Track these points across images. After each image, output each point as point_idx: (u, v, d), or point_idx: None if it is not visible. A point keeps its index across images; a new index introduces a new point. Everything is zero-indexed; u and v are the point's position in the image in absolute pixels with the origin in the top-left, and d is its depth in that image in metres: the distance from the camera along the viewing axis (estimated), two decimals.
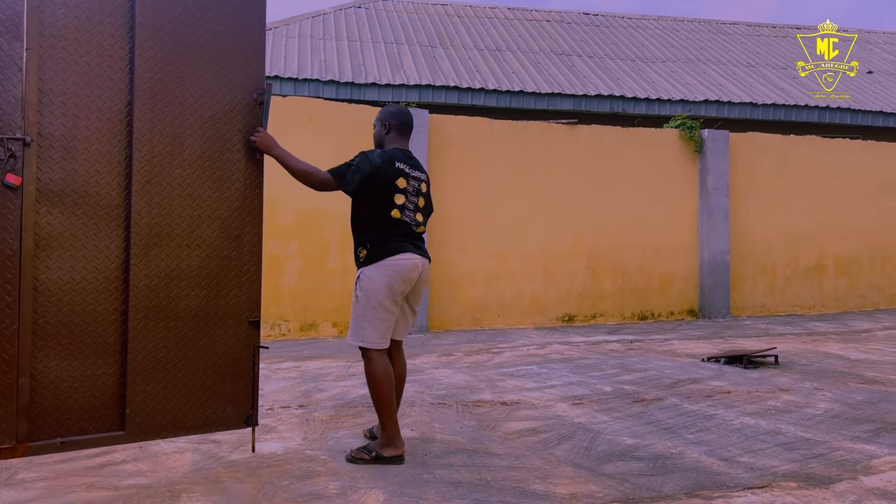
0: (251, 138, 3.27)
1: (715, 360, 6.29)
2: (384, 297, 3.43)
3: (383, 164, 3.49)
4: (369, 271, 3.46)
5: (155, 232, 3.03)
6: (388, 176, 3.49)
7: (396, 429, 3.47)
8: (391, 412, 3.45)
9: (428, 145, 8.28)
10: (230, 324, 3.22)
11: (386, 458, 3.41)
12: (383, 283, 3.43)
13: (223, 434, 3.74)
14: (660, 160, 9.47)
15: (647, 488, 3.11)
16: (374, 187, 3.47)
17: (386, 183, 3.48)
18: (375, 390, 3.44)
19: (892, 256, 10.80)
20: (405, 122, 3.73)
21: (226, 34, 3.22)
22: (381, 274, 3.43)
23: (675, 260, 9.48)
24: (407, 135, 3.74)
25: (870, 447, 3.70)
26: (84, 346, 2.89)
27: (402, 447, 3.46)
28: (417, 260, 3.52)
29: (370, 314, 3.43)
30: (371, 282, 3.44)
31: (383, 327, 3.46)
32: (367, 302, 3.43)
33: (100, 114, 2.93)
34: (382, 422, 3.46)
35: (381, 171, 3.47)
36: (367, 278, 3.46)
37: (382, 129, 3.72)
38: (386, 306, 3.45)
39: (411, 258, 3.49)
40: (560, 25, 15.42)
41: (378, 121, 3.74)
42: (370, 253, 3.48)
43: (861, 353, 6.70)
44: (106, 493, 3.03)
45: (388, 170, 3.50)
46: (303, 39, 12.44)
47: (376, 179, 3.46)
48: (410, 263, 3.48)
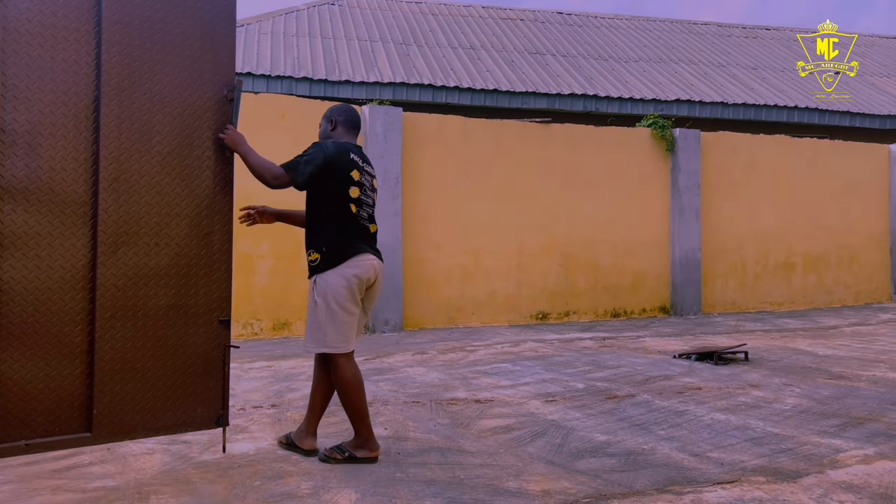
0: (220, 135, 3.23)
1: (686, 356, 6.35)
2: (345, 299, 3.35)
3: (338, 153, 3.40)
4: (326, 276, 3.35)
5: (123, 230, 2.98)
6: (343, 165, 3.39)
7: (370, 432, 3.43)
8: (364, 416, 3.40)
9: (402, 144, 8.26)
10: (200, 323, 3.18)
11: (359, 458, 3.39)
12: (343, 285, 3.34)
13: (194, 435, 3.69)
14: (632, 159, 9.55)
15: (618, 484, 3.13)
16: (329, 179, 3.37)
17: (341, 173, 3.38)
18: (347, 396, 3.38)
19: (857, 254, 11.00)
20: (352, 120, 3.64)
21: (195, 29, 3.18)
22: (340, 277, 3.34)
23: (648, 258, 9.57)
24: (354, 133, 3.64)
25: (836, 441, 3.77)
26: (49, 347, 2.83)
27: (376, 450, 3.43)
28: (374, 261, 3.44)
29: (332, 319, 3.34)
30: (329, 286, 3.34)
31: (346, 330, 3.38)
32: (328, 306, 3.34)
33: (65, 109, 2.88)
34: (356, 427, 3.42)
35: (335, 161, 3.37)
36: (325, 282, 3.35)
37: (329, 125, 3.61)
38: (348, 309, 3.36)
39: (368, 259, 3.41)
40: (534, 24, 15.48)
41: (324, 118, 3.64)
42: (325, 256, 3.37)
43: (828, 349, 6.82)
44: (72, 495, 2.98)
45: (344, 159, 3.41)
46: (276, 36, 12.34)
47: (331, 170, 3.35)
48: (367, 265, 3.40)
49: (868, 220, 11.11)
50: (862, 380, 5.39)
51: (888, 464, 3.38)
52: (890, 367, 5.88)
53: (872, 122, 13.10)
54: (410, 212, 8.33)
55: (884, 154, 11.30)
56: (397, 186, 8.17)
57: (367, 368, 5.88)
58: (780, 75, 14.59)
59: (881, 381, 5.32)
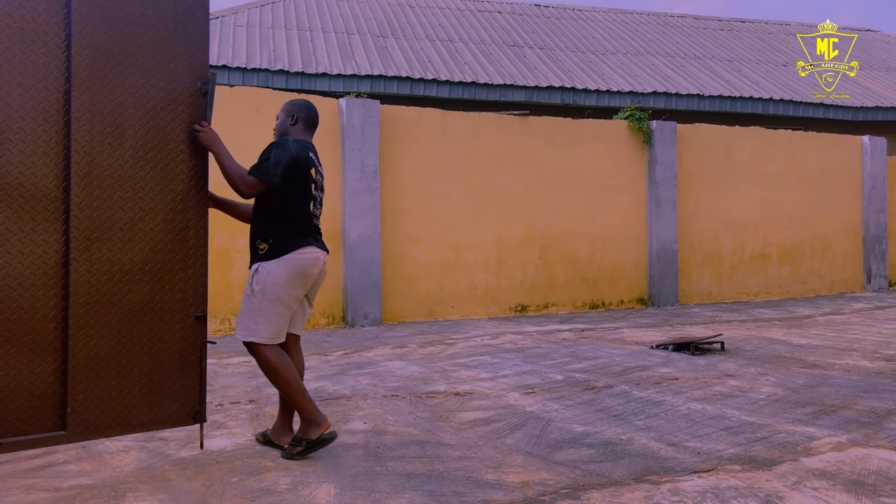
0: (195, 130, 3.19)
1: (663, 347, 6.41)
2: (283, 292, 3.32)
3: (300, 151, 3.39)
4: (270, 265, 3.32)
5: (96, 225, 2.94)
6: (304, 164, 3.39)
7: (314, 407, 3.36)
8: (301, 392, 3.34)
9: (380, 136, 8.23)
10: (176, 319, 3.15)
11: (316, 440, 3.32)
12: (284, 278, 3.31)
13: (171, 431, 3.66)
14: (610, 151, 9.60)
15: (597, 474, 3.15)
16: (292, 178, 3.34)
17: (303, 172, 3.38)
18: (277, 378, 3.32)
19: (831, 244, 11.17)
20: (314, 118, 3.62)
21: (168, 21, 3.13)
22: (283, 269, 3.31)
23: (625, 249, 9.63)
24: (312, 130, 3.62)
25: (810, 429, 3.83)
26: (21, 344, 2.79)
27: (325, 422, 3.34)
28: (319, 254, 3.43)
29: (266, 309, 3.30)
30: (271, 275, 3.30)
31: (279, 323, 3.35)
32: (265, 296, 3.30)
33: (35, 103, 2.83)
34: (297, 405, 3.35)
35: (299, 159, 3.36)
36: (266, 271, 3.31)
37: (289, 119, 3.55)
38: (284, 302, 3.34)
39: (313, 252, 3.39)
40: (511, 17, 15.47)
41: (284, 111, 3.58)
42: (272, 247, 3.33)
43: (803, 339, 6.92)
44: (47, 494, 2.94)
45: (304, 157, 3.40)
46: (251, 28, 12.22)
47: (295, 168, 3.34)
48: (311, 258, 3.38)
49: (841, 211, 11.27)
50: (835, 368, 5.48)
51: (860, 451, 3.44)
52: (862, 356, 5.98)
53: (846, 114, 13.28)
54: (389, 205, 8.31)
55: (856, 145, 11.46)
56: (375, 180, 8.14)
57: (347, 363, 5.87)
58: (756, 68, 14.73)
59: (854, 370, 5.41)
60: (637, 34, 15.80)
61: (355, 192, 8.00)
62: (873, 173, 11.38)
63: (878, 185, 11.43)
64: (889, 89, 14.56)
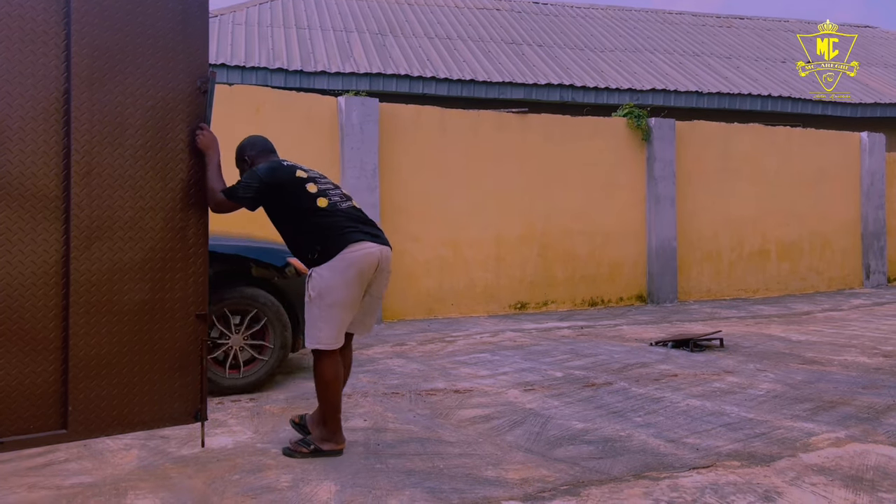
0: (196, 133, 3.21)
1: (662, 344, 6.43)
2: (339, 295, 3.24)
3: (270, 169, 3.36)
4: (322, 269, 3.26)
5: (96, 225, 2.95)
6: (283, 173, 3.36)
7: (339, 426, 3.39)
8: (336, 411, 3.37)
9: (379, 134, 8.23)
10: (176, 318, 3.16)
11: (324, 451, 3.35)
12: (338, 281, 3.23)
13: (171, 430, 3.66)
14: (608, 148, 9.60)
15: (596, 471, 3.17)
16: (277, 193, 3.33)
17: (287, 180, 3.34)
18: (325, 392, 3.34)
19: (830, 241, 11.17)
20: (263, 146, 3.59)
21: (167, 20, 3.14)
22: (335, 271, 3.23)
23: (624, 247, 9.64)
24: (273, 153, 3.60)
25: (809, 425, 3.84)
26: (22, 343, 2.80)
27: (342, 443, 3.39)
28: (373, 248, 3.29)
29: (325, 314, 3.26)
30: (324, 280, 3.24)
31: (341, 327, 3.32)
32: (322, 301, 3.25)
33: (35, 103, 2.84)
34: (326, 418, 3.37)
35: (272, 176, 3.34)
36: (318, 276, 3.26)
37: (245, 165, 3.55)
38: (341, 304, 3.27)
39: (365, 248, 3.27)
40: (510, 14, 15.47)
41: (238, 162, 3.60)
42: (321, 253, 3.28)
43: (802, 335, 6.93)
44: (48, 492, 2.95)
45: (281, 172, 3.37)
46: (250, 27, 12.21)
47: (276, 184, 3.32)
48: (363, 254, 3.25)
49: (840, 207, 11.27)
50: (834, 364, 5.49)
51: (858, 446, 3.46)
52: (861, 352, 6.00)
53: (844, 111, 13.29)
54: (388, 203, 8.31)
55: (855, 142, 11.46)
56: (374, 178, 8.14)
57: None
58: (754, 64, 14.73)
59: (852, 366, 5.42)
60: (636, 31, 15.80)
61: (354, 190, 8.00)
62: (872, 170, 11.39)
63: (877, 181, 11.44)
64: (888, 86, 14.57)
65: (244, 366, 4.70)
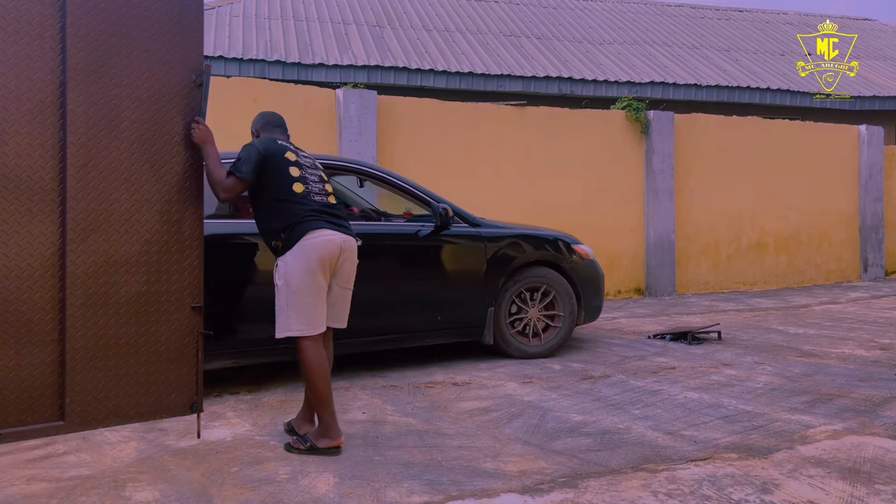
0: (192, 126, 3.20)
1: (660, 336, 6.43)
2: (302, 281, 3.27)
3: (266, 143, 3.42)
4: (286, 257, 3.31)
5: (92, 217, 2.95)
6: (275, 151, 3.40)
7: (333, 419, 3.35)
8: (327, 403, 3.33)
9: (377, 127, 8.21)
10: (172, 310, 3.16)
11: (321, 448, 3.31)
12: (301, 267, 3.27)
13: (170, 422, 3.67)
14: (607, 141, 9.58)
15: (594, 463, 3.17)
16: (266, 169, 3.36)
17: (276, 158, 3.38)
18: (310, 382, 3.32)
19: (827, 234, 11.17)
20: (270, 120, 3.68)
21: (163, 12, 3.13)
22: (297, 258, 3.28)
23: (622, 239, 9.63)
24: (279, 128, 3.67)
25: (806, 418, 3.85)
26: (19, 336, 2.80)
27: (338, 438, 3.34)
28: (334, 236, 3.33)
29: (293, 302, 3.28)
30: (287, 266, 3.29)
31: (309, 313, 3.31)
32: (288, 289, 3.28)
33: (30, 95, 2.82)
34: (319, 413, 3.35)
35: (267, 149, 3.39)
36: (283, 264, 3.31)
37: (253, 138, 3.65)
38: (307, 291, 3.29)
39: (325, 234, 3.32)
40: (509, 6, 15.42)
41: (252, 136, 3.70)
42: (285, 241, 3.33)
43: (799, 328, 6.94)
44: (47, 485, 2.95)
45: (273, 146, 3.42)
46: (247, 19, 12.17)
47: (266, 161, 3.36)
48: (324, 240, 3.30)
49: (838, 201, 11.27)
50: (831, 357, 5.50)
51: (855, 438, 3.46)
52: (859, 345, 6.00)
53: (843, 104, 13.27)
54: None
55: (853, 135, 11.45)
56: None
57: None
58: (753, 57, 14.70)
59: (850, 359, 5.43)
60: (634, 24, 15.75)
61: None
62: (870, 163, 11.38)
63: (875, 174, 11.43)
64: (886, 79, 14.55)
65: (542, 333, 5.55)
